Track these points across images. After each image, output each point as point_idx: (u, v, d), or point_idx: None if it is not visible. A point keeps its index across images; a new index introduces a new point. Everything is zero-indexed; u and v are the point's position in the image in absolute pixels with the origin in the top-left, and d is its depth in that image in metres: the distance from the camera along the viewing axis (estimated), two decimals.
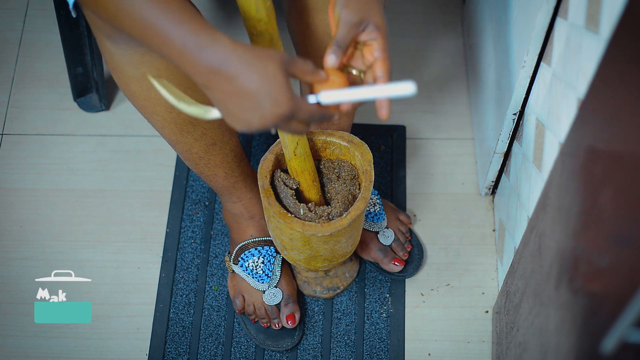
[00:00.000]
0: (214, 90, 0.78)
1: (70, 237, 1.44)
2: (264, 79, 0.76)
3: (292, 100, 0.78)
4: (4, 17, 1.69)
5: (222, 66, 0.76)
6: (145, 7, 0.76)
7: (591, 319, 0.68)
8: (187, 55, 0.76)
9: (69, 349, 1.34)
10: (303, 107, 0.80)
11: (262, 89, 0.76)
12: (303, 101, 0.81)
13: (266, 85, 0.76)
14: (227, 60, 0.76)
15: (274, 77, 0.77)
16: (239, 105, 0.78)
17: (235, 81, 0.76)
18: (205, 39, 0.76)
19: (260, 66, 0.76)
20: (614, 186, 0.66)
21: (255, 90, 0.76)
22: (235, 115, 0.79)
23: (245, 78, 0.76)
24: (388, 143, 1.53)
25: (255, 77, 0.76)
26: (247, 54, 0.76)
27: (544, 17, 1.02)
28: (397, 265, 1.35)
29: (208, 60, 0.76)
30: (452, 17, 1.69)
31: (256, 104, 0.77)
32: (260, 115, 0.78)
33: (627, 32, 0.65)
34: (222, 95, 0.78)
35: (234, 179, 1.24)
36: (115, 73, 1.02)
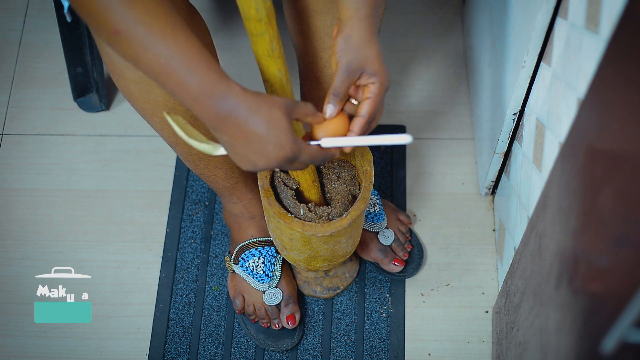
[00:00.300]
0: (223, 133, 0.83)
1: (70, 237, 1.44)
2: (269, 125, 0.82)
3: (294, 144, 0.84)
4: (4, 17, 1.69)
5: (232, 113, 0.81)
6: (164, 52, 0.78)
7: (591, 319, 0.68)
8: (200, 102, 0.80)
9: (69, 349, 1.34)
10: (305, 150, 0.86)
11: (267, 134, 0.82)
12: (305, 145, 0.87)
13: (272, 130, 0.82)
14: (238, 107, 0.81)
15: (279, 123, 0.82)
16: (246, 148, 0.83)
17: (244, 126, 0.81)
18: (219, 88, 0.80)
19: (266, 112, 0.81)
20: (614, 186, 0.66)
21: (261, 134, 0.82)
22: (242, 156, 0.85)
23: (253, 123, 0.81)
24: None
25: (261, 123, 0.81)
26: (255, 101, 0.81)
27: (544, 17, 1.02)
28: (397, 266, 1.35)
29: (220, 107, 0.81)
30: (452, 17, 1.69)
31: (262, 148, 0.83)
32: (266, 158, 0.84)
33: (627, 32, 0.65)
34: (230, 138, 0.83)
35: (234, 179, 1.24)
36: (115, 75, 1.02)
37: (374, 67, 0.91)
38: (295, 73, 1.29)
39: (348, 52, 0.91)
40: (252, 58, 1.47)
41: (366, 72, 0.91)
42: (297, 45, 1.15)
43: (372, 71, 0.91)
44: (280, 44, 0.92)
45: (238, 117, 0.81)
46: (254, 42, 0.91)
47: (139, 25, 0.78)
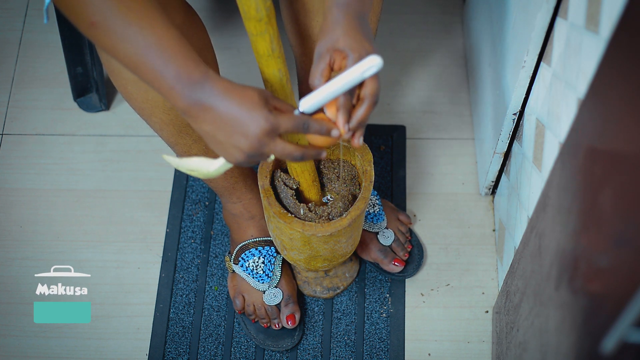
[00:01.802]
0: (202, 122, 0.82)
1: (70, 237, 1.44)
2: (241, 102, 0.81)
3: (269, 114, 0.82)
4: (4, 17, 1.69)
5: (209, 100, 0.81)
6: (141, 44, 0.79)
7: (591, 319, 0.68)
8: (177, 90, 0.80)
9: (69, 349, 1.34)
10: (283, 118, 0.83)
11: (242, 111, 0.81)
12: (281, 112, 0.84)
13: (244, 106, 0.81)
14: (214, 93, 0.81)
15: (251, 99, 0.81)
16: (227, 134, 0.82)
17: (221, 110, 0.81)
18: (195, 76, 0.80)
19: (240, 92, 0.81)
20: (614, 186, 0.66)
21: (237, 114, 0.81)
22: (225, 145, 0.83)
23: (229, 105, 0.81)
24: (388, 143, 1.53)
25: (234, 102, 0.81)
26: (231, 85, 0.81)
27: (544, 17, 1.02)
28: (397, 266, 1.35)
29: (197, 95, 0.80)
30: (452, 17, 1.69)
31: (240, 127, 0.81)
32: (245, 137, 0.82)
33: (627, 32, 0.65)
34: (210, 126, 0.82)
35: (233, 179, 1.24)
36: (113, 75, 1.02)
37: (345, 43, 0.87)
38: (295, 73, 1.29)
39: (320, 39, 0.88)
40: (252, 58, 1.47)
41: (338, 51, 0.87)
42: (294, 46, 1.15)
43: (344, 47, 0.87)
44: (280, 44, 0.92)
45: (214, 102, 0.80)
46: (254, 42, 0.91)
47: (115, 17, 0.78)
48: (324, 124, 0.86)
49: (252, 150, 0.83)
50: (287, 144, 0.84)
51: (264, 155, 0.85)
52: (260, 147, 0.83)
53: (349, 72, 0.84)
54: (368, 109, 0.88)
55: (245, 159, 0.84)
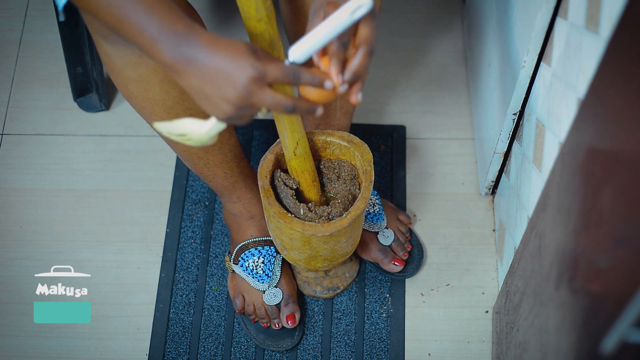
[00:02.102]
0: (187, 76, 0.80)
1: (70, 237, 1.44)
2: (227, 52, 0.78)
3: (257, 61, 0.79)
4: (4, 17, 1.69)
5: (194, 52, 0.78)
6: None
7: (591, 319, 0.68)
8: (162, 43, 0.78)
9: (69, 349, 1.34)
10: (271, 65, 0.80)
11: (227, 60, 0.78)
12: (269, 59, 0.80)
13: (230, 55, 0.78)
14: (200, 45, 0.78)
15: (237, 49, 0.79)
16: (211, 84, 0.79)
17: (207, 61, 0.78)
18: (179, 28, 0.78)
19: (225, 44, 0.79)
20: (614, 186, 0.66)
21: (223, 64, 0.78)
22: (212, 98, 0.80)
23: (215, 56, 0.78)
24: (388, 143, 1.53)
25: (221, 53, 0.78)
26: (216, 37, 0.79)
27: (544, 17, 1.02)
28: (397, 266, 1.35)
29: (183, 48, 0.78)
30: (452, 17, 1.69)
31: (225, 76, 0.78)
32: (233, 86, 0.79)
33: (627, 32, 0.65)
34: (194, 80, 0.79)
35: (233, 178, 1.24)
36: (113, 74, 1.02)
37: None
38: None
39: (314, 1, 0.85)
40: None
41: (332, 3, 0.84)
42: (289, 32, 1.16)
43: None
44: (280, 44, 0.92)
45: (200, 55, 0.78)
46: (253, 42, 0.91)
47: None
48: (316, 74, 0.82)
49: (241, 100, 0.80)
50: (277, 94, 0.81)
51: (253, 106, 0.81)
52: (249, 97, 0.80)
53: (336, 14, 0.81)
54: (363, 58, 0.83)
55: (235, 111, 0.81)
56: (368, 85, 1.58)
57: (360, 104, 0.84)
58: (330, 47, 0.83)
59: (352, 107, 1.24)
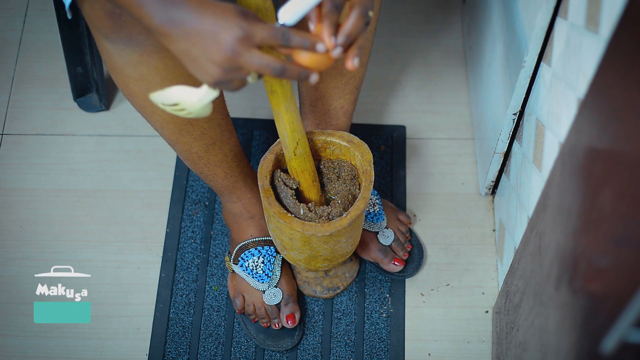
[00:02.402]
0: (175, 39, 0.78)
1: (70, 237, 1.44)
2: (215, 13, 0.77)
3: (244, 21, 0.77)
4: (4, 17, 1.69)
5: (180, 16, 0.77)
6: None
7: (591, 319, 0.68)
8: (150, 5, 0.77)
9: (69, 349, 1.34)
10: (259, 26, 0.78)
11: (214, 20, 0.77)
12: (257, 20, 0.79)
13: (217, 16, 0.77)
14: (186, 9, 0.77)
15: (225, 10, 0.77)
16: (198, 46, 0.78)
17: (190, 23, 0.77)
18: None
19: (214, 5, 0.77)
20: (614, 186, 0.66)
21: (209, 24, 0.77)
22: (199, 61, 0.79)
23: (200, 17, 0.77)
24: (388, 143, 1.53)
25: (208, 14, 0.77)
26: (203, 0, 0.78)
27: (544, 17, 1.02)
28: (397, 265, 1.35)
29: (171, 10, 0.77)
30: (452, 17, 1.69)
31: (212, 37, 0.77)
32: (219, 47, 0.77)
33: (627, 32, 0.65)
34: (182, 43, 0.78)
35: (233, 178, 1.24)
36: (114, 73, 1.02)
37: None
38: None
39: None
40: None
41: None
42: None
43: None
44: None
45: (187, 16, 0.77)
46: None
47: None
48: (307, 36, 0.79)
49: (227, 62, 0.78)
50: (266, 55, 0.78)
51: (241, 69, 0.79)
52: (235, 58, 0.78)
53: None
54: (357, 20, 0.80)
55: (222, 74, 0.79)
56: (368, 85, 1.58)
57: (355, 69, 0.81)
58: (319, 13, 0.81)
59: (352, 107, 1.24)
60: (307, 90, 1.22)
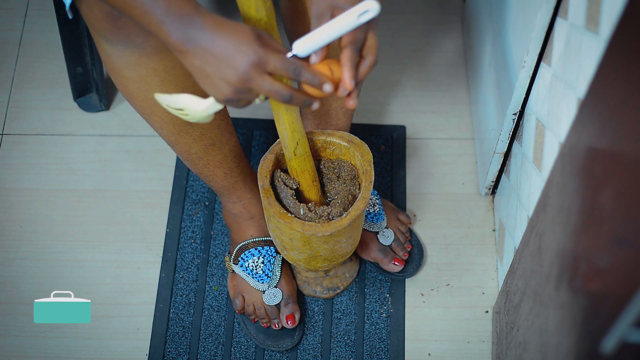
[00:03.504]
0: (190, 56, 0.81)
1: (70, 237, 1.44)
2: (231, 35, 0.80)
3: (260, 47, 0.80)
4: (4, 17, 1.69)
5: (199, 33, 0.80)
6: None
7: (591, 319, 0.68)
8: (168, 24, 0.79)
9: (69, 349, 1.34)
10: (274, 56, 0.81)
11: (230, 43, 0.80)
12: (272, 49, 0.82)
13: (234, 38, 0.80)
14: (205, 26, 0.80)
15: (242, 33, 0.80)
16: (213, 65, 0.80)
17: (211, 43, 0.80)
18: (186, 9, 0.79)
19: (230, 27, 0.80)
20: (614, 186, 0.66)
21: (225, 46, 0.80)
22: (212, 78, 0.82)
23: (216, 38, 0.80)
24: (388, 143, 1.53)
25: (225, 35, 0.80)
26: (222, 20, 0.81)
27: (544, 17, 1.02)
28: (397, 265, 1.35)
29: (188, 28, 0.79)
30: (452, 17, 1.69)
31: (227, 59, 0.80)
32: (234, 69, 0.80)
33: (627, 32, 0.65)
34: (197, 60, 0.81)
35: (233, 179, 1.24)
36: (113, 74, 1.02)
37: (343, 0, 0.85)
38: None
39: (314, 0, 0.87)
40: None
41: (337, 8, 0.86)
42: (288, 31, 1.15)
43: (343, 4, 0.85)
44: (281, 44, 0.92)
45: (204, 36, 0.79)
46: None
47: None
48: (316, 74, 0.83)
49: (240, 83, 0.81)
50: (276, 82, 0.82)
51: (251, 92, 0.83)
52: (248, 81, 0.81)
53: (344, 15, 0.83)
54: (369, 67, 0.87)
55: (233, 94, 0.82)
56: (368, 85, 1.58)
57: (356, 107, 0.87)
58: (326, 50, 0.85)
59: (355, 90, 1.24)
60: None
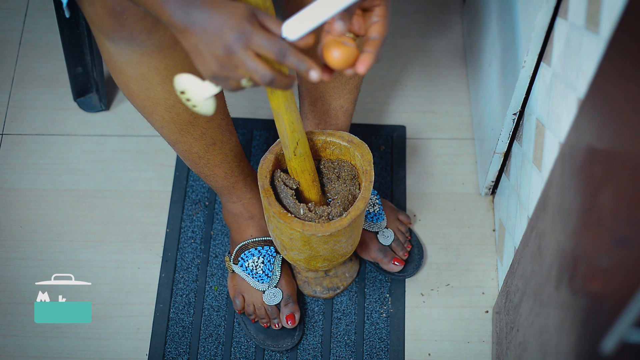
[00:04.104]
0: (188, 35, 0.81)
1: (70, 237, 1.44)
2: (225, 11, 0.80)
3: (248, 23, 0.79)
4: (4, 17, 1.69)
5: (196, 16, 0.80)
6: None
7: (591, 319, 0.68)
8: (168, 8, 0.80)
9: (69, 349, 1.34)
10: (260, 34, 0.80)
11: (222, 19, 0.79)
12: (261, 29, 0.80)
13: (226, 13, 0.79)
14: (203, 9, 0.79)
15: (237, 8, 0.80)
16: (205, 41, 0.80)
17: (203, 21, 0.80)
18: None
19: (227, 5, 0.80)
20: (614, 186, 0.66)
21: (217, 21, 0.79)
22: (203, 54, 0.81)
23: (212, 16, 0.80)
24: (388, 143, 1.53)
25: (219, 12, 0.80)
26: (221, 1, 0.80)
27: (544, 17, 1.02)
28: (397, 265, 1.35)
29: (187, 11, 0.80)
30: (452, 17, 1.69)
31: (216, 33, 0.79)
32: (219, 42, 0.79)
33: (627, 32, 0.65)
34: (193, 38, 0.81)
35: (233, 178, 1.24)
36: (115, 73, 1.02)
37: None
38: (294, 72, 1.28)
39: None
40: None
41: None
42: None
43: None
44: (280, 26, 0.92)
45: (203, 15, 0.79)
46: None
47: None
48: (304, 60, 0.80)
49: (224, 58, 0.80)
50: (259, 61, 0.80)
51: (236, 68, 0.81)
52: (232, 56, 0.80)
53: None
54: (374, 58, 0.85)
55: (218, 68, 0.81)
56: (368, 85, 1.58)
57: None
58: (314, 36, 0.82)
59: (352, 106, 1.24)
60: (307, 90, 1.22)
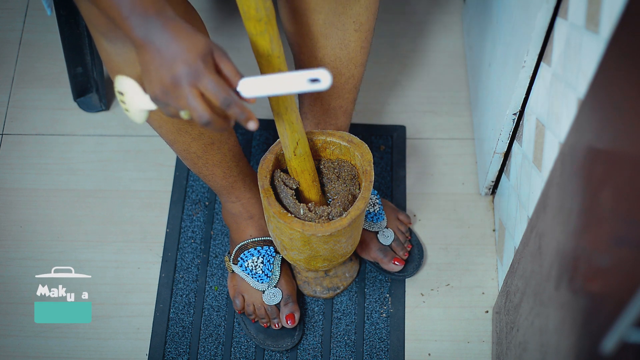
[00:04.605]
0: (144, 52, 0.82)
1: (70, 237, 1.44)
2: (185, 42, 0.81)
3: (201, 62, 0.81)
4: (4, 17, 1.69)
5: (153, 35, 0.81)
6: None
7: (591, 319, 0.68)
8: (129, 23, 0.81)
9: (69, 349, 1.34)
10: (212, 77, 0.81)
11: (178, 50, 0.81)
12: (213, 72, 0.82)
13: (185, 45, 0.81)
14: (161, 31, 0.81)
15: (197, 43, 0.81)
16: (156, 63, 0.82)
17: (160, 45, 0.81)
18: (150, 12, 0.81)
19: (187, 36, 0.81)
20: (614, 186, 0.66)
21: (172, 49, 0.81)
22: (151, 75, 0.83)
23: (170, 43, 0.81)
24: (388, 143, 1.53)
25: (176, 41, 0.81)
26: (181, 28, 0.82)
27: (544, 17, 1.02)
28: (397, 265, 1.35)
29: (146, 30, 0.81)
30: (452, 17, 1.69)
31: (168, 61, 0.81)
32: (168, 71, 0.81)
33: (627, 32, 0.65)
34: (147, 55, 0.82)
35: (232, 178, 1.24)
36: (113, 73, 1.02)
37: None
38: None
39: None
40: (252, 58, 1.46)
41: None
42: (292, 44, 1.16)
43: None
44: (280, 44, 0.92)
45: (161, 38, 0.81)
46: (253, 42, 0.91)
47: None
48: (245, 110, 0.83)
49: (167, 86, 0.82)
50: (201, 101, 0.82)
51: (177, 99, 0.83)
52: (176, 88, 0.82)
53: (296, 73, 0.84)
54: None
55: (160, 93, 0.83)
56: (368, 85, 1.58)
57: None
58: None
59: (351, 106, 1.24)
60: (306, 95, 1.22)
